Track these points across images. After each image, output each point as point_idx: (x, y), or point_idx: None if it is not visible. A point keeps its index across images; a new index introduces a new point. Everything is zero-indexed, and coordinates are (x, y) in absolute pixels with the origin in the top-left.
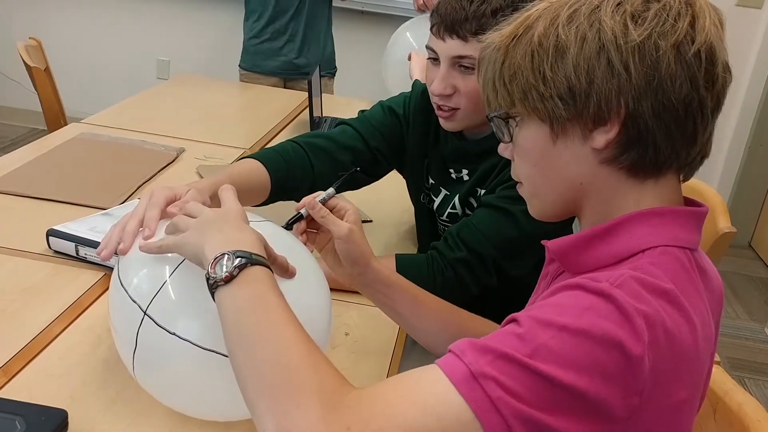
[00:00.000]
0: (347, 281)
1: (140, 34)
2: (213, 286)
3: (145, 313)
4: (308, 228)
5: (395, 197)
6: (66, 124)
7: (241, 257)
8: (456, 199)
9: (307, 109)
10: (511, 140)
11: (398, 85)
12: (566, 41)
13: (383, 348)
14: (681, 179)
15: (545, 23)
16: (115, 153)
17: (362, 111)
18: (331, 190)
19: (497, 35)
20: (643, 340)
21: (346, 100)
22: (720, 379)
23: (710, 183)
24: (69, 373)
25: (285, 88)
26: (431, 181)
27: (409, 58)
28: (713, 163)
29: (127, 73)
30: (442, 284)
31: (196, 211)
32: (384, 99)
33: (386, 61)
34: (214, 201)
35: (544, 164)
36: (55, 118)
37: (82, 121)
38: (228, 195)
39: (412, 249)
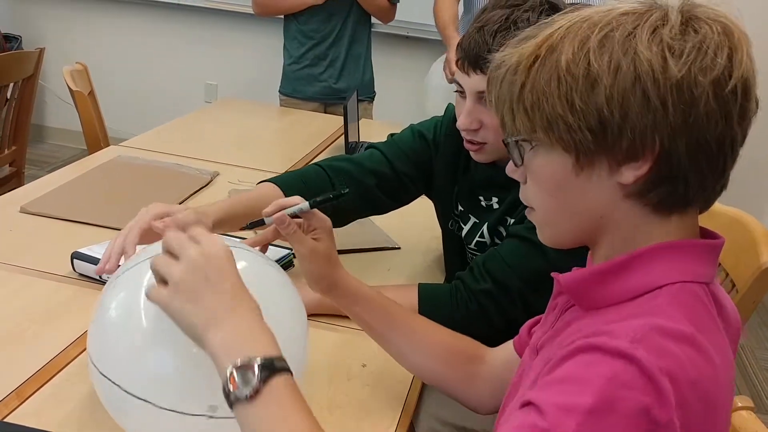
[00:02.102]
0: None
1: (190, 58)
2: (233, 400)
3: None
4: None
5: (424, 223)
6: (107, 146)
7: (264, 368)
8: (485, 227)
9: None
10: (523, 163)
11: (438, 111)
12: (599, 70)
13: (401, 380)
14: (699, 210)
15: (573, 47)
16: (149, 176)
17: (392, 134)
18: (305, 204)
19: (515, 54)
20: (669, 402)
21: (384, 125)
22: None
23: (759, 214)
24: (79, 399)
25: (325, 113)
26: (460, 207)
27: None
28: (762, 192)
29: (177, 97)
30: (465, 315)
31: (176, 248)
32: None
33: (426, 86)
34: (224, 227)
35: (562, 195)
36: (95, 140)
37: (122, 143)
38: (209, 237)
39: (439, 277)
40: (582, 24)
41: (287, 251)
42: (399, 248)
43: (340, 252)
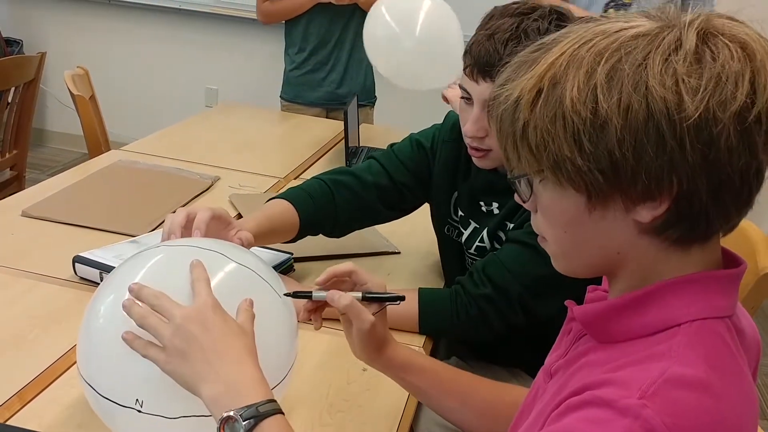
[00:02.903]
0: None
1: (190, 63)
2: None
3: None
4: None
5: (424, 228)
6: (108, 150)
7: (251, 418)
8: (485, 232)
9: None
10: (532, 194)
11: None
12: (608, 110)
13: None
14: (722, 235)
15: (579, 82)
16: (150, 180)
17: (391, 145)
18: (357, 295)
19: (516, 87)
20: None
21: (384, 129)
22: None
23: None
24: (80, 403)
25: (327, 118)
26: (460, 213)
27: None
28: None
29: (177, 102)
30: (465, 320)
31: (166, 310)
32: (422, 128)
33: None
34: (256, 243)
35: (575, 231)
36: (96, 144)
37: (123, 148)
38: (200, 287)
39: (439, 281)
40: (587, 51)
41: (287, 255)
42: (399, 253)
43: (340, 257)
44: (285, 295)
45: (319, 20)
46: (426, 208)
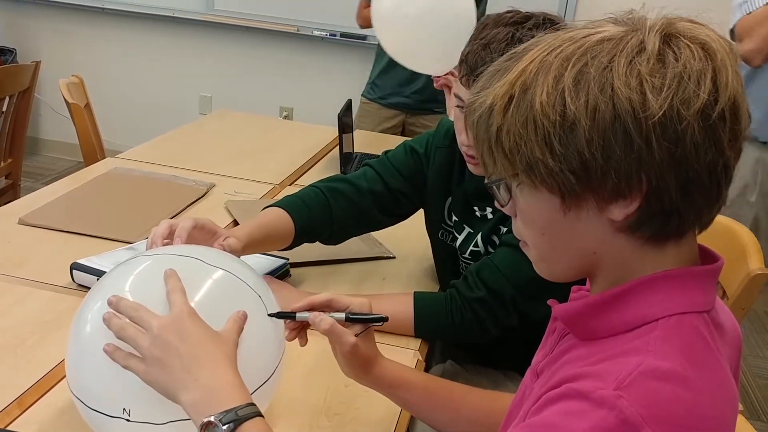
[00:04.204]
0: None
1: (184, 70)
2: None
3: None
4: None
5: (418, 233)
6: (103, 158)
7: (230, 422)
8: (479, 237)
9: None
10: (511, 199)
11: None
12: (576, 112)
13: None
14: (697, 233)
15: (548, 86)
16: (146, 187)
17: (386, 152)
18: (340, 315)
19: (489, 94)
20: None
21: (378, 135)
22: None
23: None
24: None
25: (405, 123)
26: (454, 218)
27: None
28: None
29: (171, 109)
30: (460, 323)
31: (144, 321)
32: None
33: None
34: (245, 252)
35: (552, 233)
36: (92, 152)
37: (118, 155)
38: (175, 297)
39: (433, 285)
40: (555, 57)
41: (283, 260)
42: (394, 257)
43: (336, 262)
44: (269, 315)
45: None
46: (420, 213)
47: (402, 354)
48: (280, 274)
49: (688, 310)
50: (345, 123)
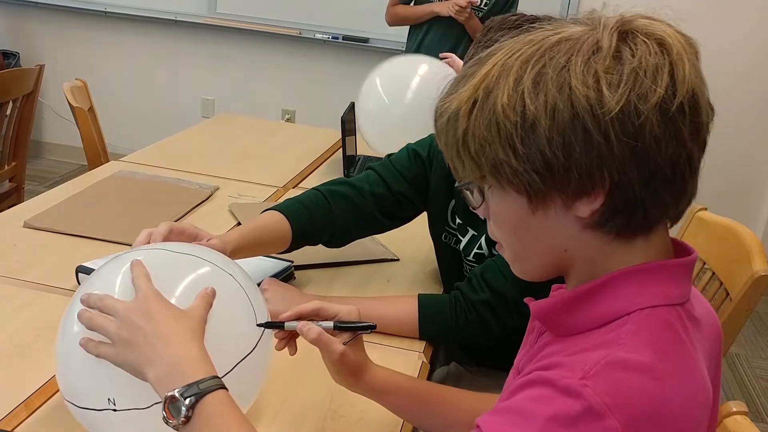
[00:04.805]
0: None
1: (186, 74)
2: (174, 427)
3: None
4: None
5: (422, 235)
6: (107, 162)
7: (191, 396)
8: (483, 239)
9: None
10: (483, 201)
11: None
12: (535, 112)
13: None
14: (669, 226)
15: (509, 89)
16: (150, 190)
17: (389, 155)
18: (328, 324)
19: (454, 99)
20: None
21: None
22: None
23: (752, 224)
24: None
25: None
26: (458, 221)
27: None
28: (755, 203)
29: (173, 113)
30: (465, 326)
31: (110, 309)
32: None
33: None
34: (236, 256)
35: (523, 233)
36: (95, 156)
37: (122, 159)
38: (140, 282)
39: (437, 287)
40: (515, 59)
41: (287, 263)
42: (398, 260)
43: (340, 264)
44: (258, 325)
45: (434, 32)
46: (424, 216)
47: (406, 356)
48: (285, 276)
49: (660, 303)
50: (348, 125)
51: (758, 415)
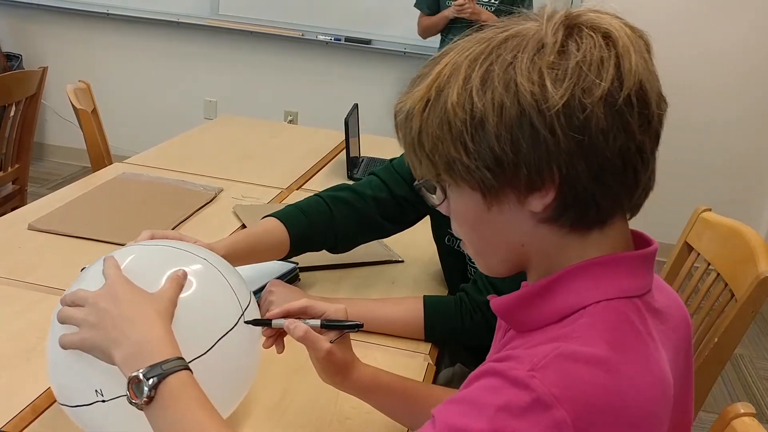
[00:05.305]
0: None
1: (188, 75)
2: (137, 407)
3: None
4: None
5: (426, 237)
6: (110, 164)
7: (154, 376)
8: None
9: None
10: (445, 198)
11: None
12: (483, 110)
13: None
14: (628, 218)
15: (458, 87)
16: (154, 192)
17: (392, 160)
18: (315, 323)
19: (408, 99)
20: (563, 431)
21: (384, 139)
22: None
23: (757, 225)
24: None
25: None
26: None
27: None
28: (759, 203)
29: (176, 114)
30: (470, 327)
31: (80, 299)
32: None
33: None
34: (233, 262)
35: (481, 229)
36: (99, 158)
37: (126, 161)
38: (109, 272)
39: (442, 289)
40: (465, 58)
41: (293, 265)
42: (402, 261)
43: (345, 266)
44: (246, 323)
45: (453, 35)
46: (427, 218)
47: (412, 358)
48: (290, 278)
49: (616, 296)
50: (351, 127)
51: (763, 416)
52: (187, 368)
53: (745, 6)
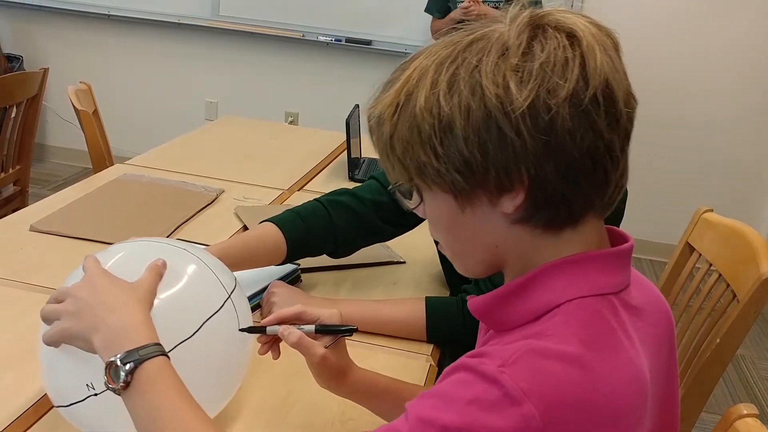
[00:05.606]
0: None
1: (189, 76)
2: (116, 392)
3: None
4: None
5: (427, 238)
6: (112, 165)
7: (131, 362)
8: None
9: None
10: (421, 201)
11: None
12: (450, 114)
13: None
14: (603, 216)
15: (426, 92)
16: (156, 194)
17: None
18: (310, 328)
19: (378, 104)
20: (531, 425)
21: None
22: None
23: (758, 225)
24: None
25: None
26: None
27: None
28: (760, 204)
29: (177, 115)
30: (472, 327)
31: (62, 293)
32: None
33: None
34: (234, 266)
35: (456, 231)
36: (100, 159)
37: (127, 162)
38: (89, 266)
39: (443, 290)
40: (432, 62)
41: (294, 266)
42: (404, 262)
43: (347, 267)
44: (240, 330)
45: None
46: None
47: (414, 359)
48: (291, 279)
49: (590, 293)
50: (352, 127)
51: (765, 417)
52: (165, 354)
53: (745, 6)
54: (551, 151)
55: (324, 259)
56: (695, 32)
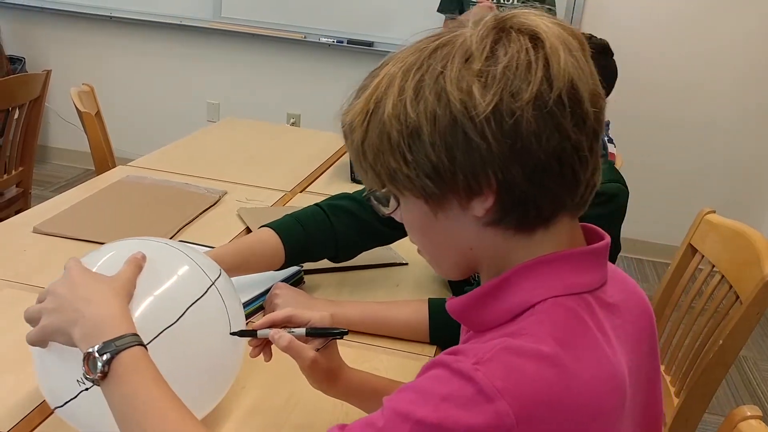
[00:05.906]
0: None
1: (191, 78)
2: (94, 383)
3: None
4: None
5: None
6: (114, 167)
7: (107, 352)
8: None
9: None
10: (398, 206)
11: None
12: (417, 120)
13: None
14: (575, 215)
15: (393, 99)
16: (158, 195)
17: None
18: (300, 331)
19: (349, 112)
20: (505, 423)
21: None
22: None
23: (759, 226)
24: None
25: None
26: None
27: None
28: (762, 205)
29: (178, 117)
30: None
31: (44, 293)
32: None
33: None
34: (230, 273)
35: (430, 235)
36: (103, 160)
37: (130, 163)
38: (70, 264)
39: (446, 291)
40: (399, 69)
41: (297, 268)
42: (406, 264)
43: (349, 269)
44: (231, 334)
45: None
46: None
47: (417, 361)
48: (294, 280)
49: (564, 292)
50: None
51: (765, 418)
52: (142, 345)
53: (746, 6)
54: (517, 154)
55: (327, 261)
56: (696, 33)
